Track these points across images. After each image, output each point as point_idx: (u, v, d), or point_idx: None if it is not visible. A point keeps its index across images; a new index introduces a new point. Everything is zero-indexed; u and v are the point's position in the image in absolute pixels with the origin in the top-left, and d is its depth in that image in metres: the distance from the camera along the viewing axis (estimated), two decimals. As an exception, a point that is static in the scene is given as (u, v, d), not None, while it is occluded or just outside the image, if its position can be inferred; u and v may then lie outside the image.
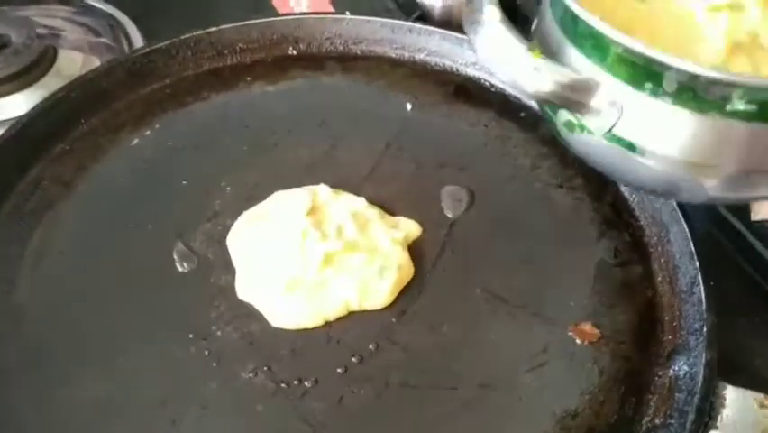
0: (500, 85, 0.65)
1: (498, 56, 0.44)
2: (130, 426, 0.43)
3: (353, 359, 0.46)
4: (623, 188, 0.57)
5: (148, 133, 0.59)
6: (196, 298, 0.49)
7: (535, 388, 0.46)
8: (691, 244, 0.50)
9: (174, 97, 0.62)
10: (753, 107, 0.39)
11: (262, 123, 0.60)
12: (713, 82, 0.39)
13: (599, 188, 0.57)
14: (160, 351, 0.46)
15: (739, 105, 0.39)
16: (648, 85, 0.41)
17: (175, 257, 0.51)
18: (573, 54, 0.43)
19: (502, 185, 0.57)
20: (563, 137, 0.47)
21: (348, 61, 0.67)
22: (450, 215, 0.55)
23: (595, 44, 0.42)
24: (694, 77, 0.39)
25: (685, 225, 0.51)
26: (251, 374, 0.45)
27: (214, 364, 0.46)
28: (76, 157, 0.57)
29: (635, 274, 0.52)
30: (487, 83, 0.65)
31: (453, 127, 0.61)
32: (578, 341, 0.48)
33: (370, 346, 0.47)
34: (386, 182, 0.56)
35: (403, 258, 0.50)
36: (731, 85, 0.39)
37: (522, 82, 0.43)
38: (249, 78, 0.64)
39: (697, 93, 0.39)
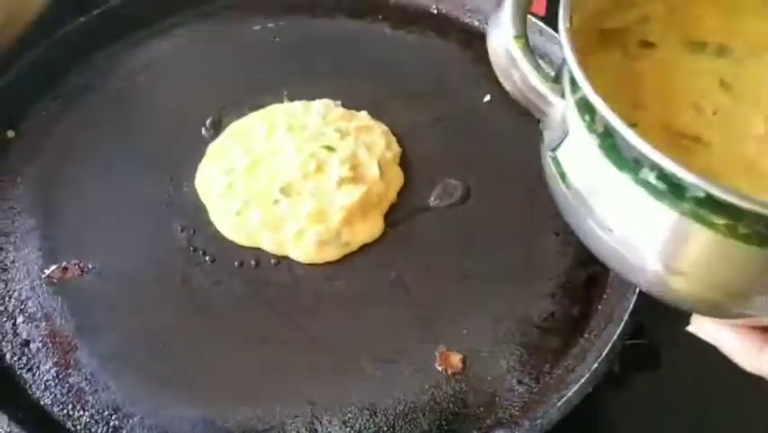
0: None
1: (492, 39, 0.42)
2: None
3: (252, 262, 0.53)
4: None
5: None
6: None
7: (364, 373, 0.48)
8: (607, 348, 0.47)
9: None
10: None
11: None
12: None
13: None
14: (146, 179, 0.58)
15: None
16: (587, 117, 0.37)
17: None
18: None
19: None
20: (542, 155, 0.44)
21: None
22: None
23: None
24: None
25: (618, 329, 0.47)
26: (178, 228, 0.55)
27: (164, 207, 0.56)
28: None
29: (547, 346, 0.50)
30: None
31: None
32: (436, 363, 0.49)
33: (272, 261, 0.53)
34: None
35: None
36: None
37: (496, 66, 0.42)
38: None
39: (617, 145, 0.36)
